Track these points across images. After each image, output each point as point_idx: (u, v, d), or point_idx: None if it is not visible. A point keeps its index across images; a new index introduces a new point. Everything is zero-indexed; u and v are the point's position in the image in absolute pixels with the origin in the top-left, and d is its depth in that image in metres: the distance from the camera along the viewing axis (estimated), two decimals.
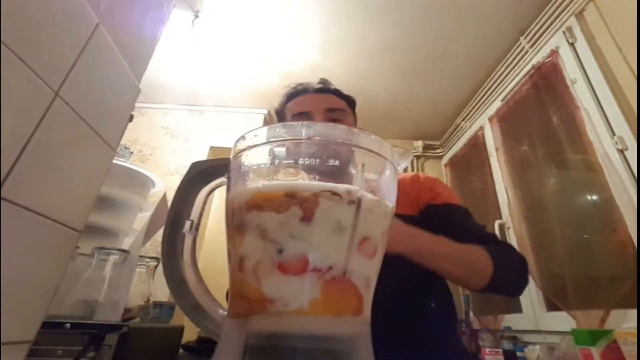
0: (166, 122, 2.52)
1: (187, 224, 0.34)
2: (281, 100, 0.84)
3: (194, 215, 0.34)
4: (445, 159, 2.61)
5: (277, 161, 0.28)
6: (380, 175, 0.30)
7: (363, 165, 0.28)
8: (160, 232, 0.35)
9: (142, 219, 1.03)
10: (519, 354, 1.35)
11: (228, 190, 0.31)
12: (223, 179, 0.34)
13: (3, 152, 0.27)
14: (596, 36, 1.35)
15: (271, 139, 0.29)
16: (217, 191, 0.36)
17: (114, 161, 0.55)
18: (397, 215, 0.69)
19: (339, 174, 0.28)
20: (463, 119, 2.30)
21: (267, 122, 2.52)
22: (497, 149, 1.88)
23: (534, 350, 1.31)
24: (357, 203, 0.26)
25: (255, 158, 0.29)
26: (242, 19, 1.77)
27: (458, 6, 1.62)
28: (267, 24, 1.79)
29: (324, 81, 0.83)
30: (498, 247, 0.63)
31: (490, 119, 1.98)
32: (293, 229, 0.25)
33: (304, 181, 0.27)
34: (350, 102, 0.82)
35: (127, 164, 1.11)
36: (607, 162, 1.21)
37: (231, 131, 2.42)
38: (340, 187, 0.26)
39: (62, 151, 0.35)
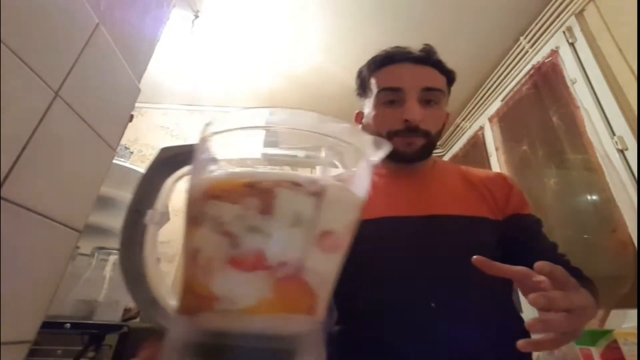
0: (166, 122, 2.52)
1: (149, 213, 0.31)
2: (370, 63, 0.72)
3: (160, 204, 0.32)
4: (445, 159, 2.61)
5: (241, 150, 0.27)
6: (352, 166, 0.28)
7: (328, 154, 0.27)
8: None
9: None
10: None
11: (190, 178, 0.29)
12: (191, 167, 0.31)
13: (3, 152, 0.27)
14: (596, 36, 1.35)
15: (237, 127, 0.26)
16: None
17: (114, 161, 0.54)
18: (486, 220, 0.63)
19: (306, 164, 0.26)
20: (463, 119, 2.29)
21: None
22: (497, 149, 1.88)
23: None
24: (319, 193, 0.24)
25: (221, 146, 0.27)
26: (243, 19, 1.77)
27: (458, 6, 1.62)
28: (267, 24, 1.79)
29: (428, 49, 0.68)
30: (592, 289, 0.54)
31: (490, 119, 1.98)
32: (250, 221, 0.23)
33: (264, 170, 0.26)
34: (450, 79, 0.70)
35: (127, 164, 1.12)
36: (607, 162, 1.21)
37: None
38: (303, 176, 0.24)
39: (62, 151, 0.35)
